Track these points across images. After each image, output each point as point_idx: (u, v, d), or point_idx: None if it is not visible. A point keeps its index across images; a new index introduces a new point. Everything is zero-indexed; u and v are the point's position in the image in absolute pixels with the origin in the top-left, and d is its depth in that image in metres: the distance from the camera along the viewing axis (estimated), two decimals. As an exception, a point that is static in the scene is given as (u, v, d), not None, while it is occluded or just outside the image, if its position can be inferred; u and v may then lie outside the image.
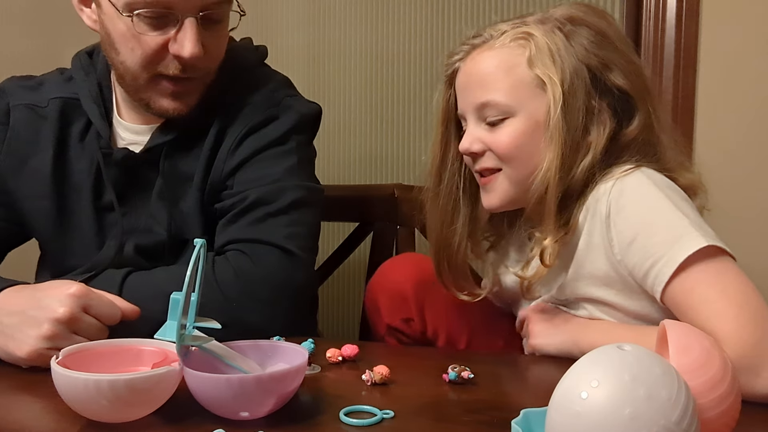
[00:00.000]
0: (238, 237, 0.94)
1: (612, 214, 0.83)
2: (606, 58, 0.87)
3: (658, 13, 1.49)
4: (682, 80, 1.49)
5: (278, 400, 0.64)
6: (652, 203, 0.82)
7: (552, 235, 0.86)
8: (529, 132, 0.87)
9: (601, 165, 0.87)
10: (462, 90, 0.92)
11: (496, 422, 0.64)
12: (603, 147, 0.86)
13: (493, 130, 0.89)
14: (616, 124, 0.88)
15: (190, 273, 0.63)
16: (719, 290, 0.76)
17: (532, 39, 0.87)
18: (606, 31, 0.89)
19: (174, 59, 0.93)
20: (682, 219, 0.80)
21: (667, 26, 1.49)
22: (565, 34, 0.87)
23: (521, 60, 0.87)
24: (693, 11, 1.46)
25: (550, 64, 0.86)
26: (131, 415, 0.62)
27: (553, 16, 0.89)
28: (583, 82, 0.86)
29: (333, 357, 0.82)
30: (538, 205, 0.88)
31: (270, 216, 0.95)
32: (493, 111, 0.88)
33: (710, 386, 0.52)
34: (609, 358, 0.50)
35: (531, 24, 0.89)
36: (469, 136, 0.91)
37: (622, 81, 0.87)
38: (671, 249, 0.78)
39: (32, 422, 0.64)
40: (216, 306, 0.76)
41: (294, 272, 0.93)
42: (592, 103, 0.87)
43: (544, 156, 0.86)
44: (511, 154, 0.88)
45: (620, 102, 0.87)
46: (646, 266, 0.80)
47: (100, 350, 0.68)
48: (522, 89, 0.87)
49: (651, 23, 1.50)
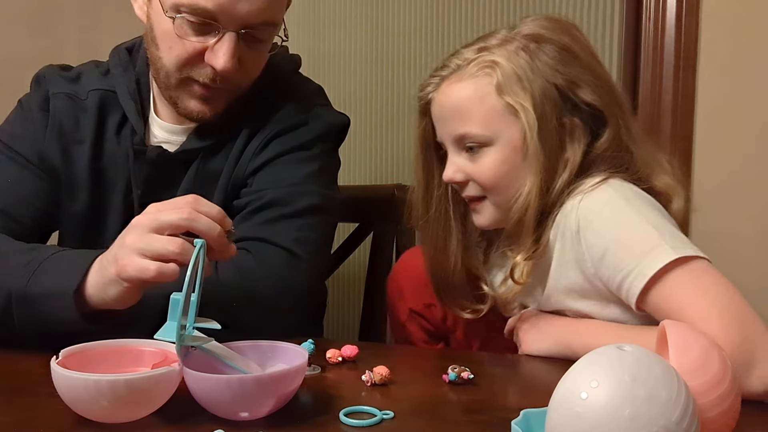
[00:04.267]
0: (246, 235, 0.94)
1: (581, 229, 0.84)
2: (572, 75, 0.87)
3: (658, 13, 1.49)
4: (682, 80, 1.49)
5: (278, 400, 0.64)
6: (619, 217, 0.83)
7: (523, 252, 0.88)
8: (508, 159, 0.88)
9: (572, 180, 0.88)
10: (438, 121, 0.93)
11: (496, 422, 0.64)
12: (579, 162, 0.88)
13: (473, 158, 0.90)
14: (589, 138, 0.88)
15: (190, 273, 0.63)
16: (699, 292, 0.77)
17: (497, 67, 0.87)
18: (571, 47, 0.89)
19: (207, 68, 0.94)
20: (650, 232, 0.80)
21: (667, 26, 1.49)
22: (530, 55, 0.87)
23: (490, 89, 0.87)
24: (693, 11, 1.46)
25: (518, 90, 0.86)
26: (131, 416, 0.62)
27: (518, 36, 0.89)
28: (553, 102, 0.87)
29: (333, 357, 0.82)
30: (517, 225, 0.89)
31: (283, 218, 0.95)
32: (470, 141, 0.89)
33: (710, 386, 0.52)
34: (609, 359, 0.50)
35: (495, 48, 0.89)
36: (452, 165, 0.92)
37: (591, 96, 0.88)
38: (641, 263, 0.79)
39: (32, 422, 0.64)
40: (217, 304, 0.76)
41: (298, 275, 0.92)
42: (565, 120, 0.87)
43: (525, 180, 0.87)
44: (493, 183, 0.89)
45: (590, 116, 0.88)
46: (618, 279, 0.81)
47: (100, 350, 0.68)
48: (495, 118, 0.87)
49: (651, 23, 1.50)
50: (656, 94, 1.51)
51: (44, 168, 1.01)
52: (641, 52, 1.52)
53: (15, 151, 1.02)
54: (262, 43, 0.96)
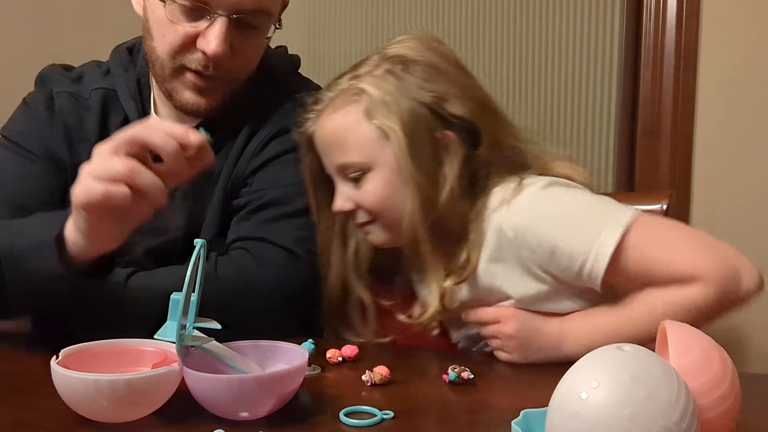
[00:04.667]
0: (246, 235, 0.94)
1: (520, 236, 0.85)
2: (440, 91, 0.89)
3: (658, 13, 1.49)
4: (683, 81, 1.49)
5: (278, 400, 0.64)
6: (553, 210, 0.86)
7: (446, 278, 0.88)
8: (389, 182, 0.89)
9: (471, 192, 0.90)
10: (321, 154, 0.94)
11: (496, 422, 0.64)
12: (458, 174, 0.89)
13: (358, 186, 0.91)
14: (468, 148, 0.90)
15: (190, 273, 0.63)
16: (664, 241, 0.83)
17: (364, 94, 0.89)
18: (436, 64, 0.91)
19: (199, 53, 0.93)
20: (588, 211, 0.85)
21: (668, 27, 1.49)
22: (396, 77, 0.89)
23: (359, 116, 0.89)
24: (693, 12, 1.46)
25: (386, 113, 0.88)
26: (131, 415, 0.62)
27: (385, 60, 0.91)
28: (423, 120, 0.88)
29: (333, 357, 0.82)
30: (413, 249, 0.90)
31: (283, 217, 0.95)
32: (351, 169, 0.90)
33: (710, 387, 0.52)
34: (609, 359, 0.50)
35: (363, 76, 0.91)
36: (340, 195, 0.92)
37: (460, 109, 0.89)
38: (595, 244, 0.82)
39: (32, 422, 0.64)
40: (216, 304, 0.76)
41: (297, 275, 0.92)
42: (437, 136, 0.88)
43: (407, 199, 0.88)
44: (379, 208, 0.90)
45: (465, 128, 0.89)
46: (577, 267, 0.83)
47: (100, 350, 0.68)
48: (369, 144, 0.89)
49: (651, 24, 1.50)
50: (656, 94, 1.51)
51: (53, 163, 1.01)
52: (641, 52, 1.52)
53: (24, 147, 1.02)
54: (255, 30, 0.96)
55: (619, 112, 1.53)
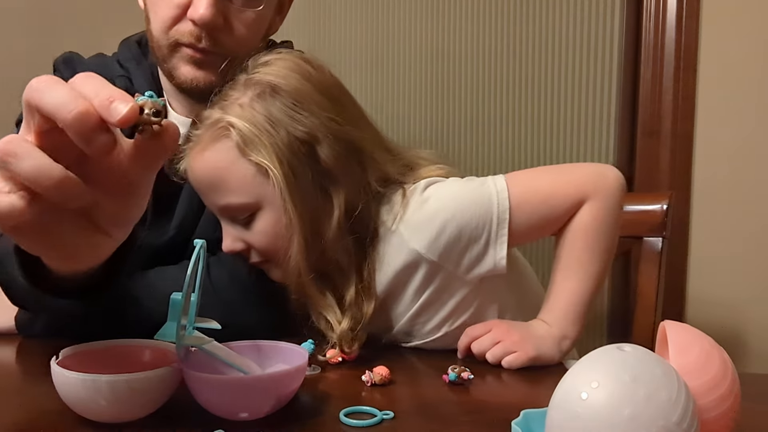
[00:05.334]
0: None
1: (428, 246, 0.84)
2: (310, 129, 0.82)
3: (658, 14, 1.50)
4: (683, 81, 1.49)
5: (278, 400, 0.64)
6: (443, 205, 0.85)
7: (342, 318, 0.84)
8: (278, 220, 0.83)
9: (357, 219, 0.85)
10: (200, 193, 0.88)
11: (496, 422, 0.64)
12: (345, 200, 0.83)
13: (248, 225, 0.84)
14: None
15: (189, 273, 0.63)
16: (540, 187, 0.88)
17: (233, 128, 0.81)
18: (304, 93, 0.84)
19: (190, 24, 0.91)
20: (467, 192, 0.86)
21: (668, 27, 1.49)
22: (264, 107, 0.82)
23: (233, 153, 0.82)
24: (693, 12, 1.47)
25: (261, 148, 0.80)
26: (131, 416, 0.62)
27: (252, 83, 0.84)
28: (299, 152, 0.82)
29: (333, 358, 0.82)
30: (300, 290, 0.85)
31: None
32: (237, 212, 0.84)
33: (710, 387, 0.52)
34: (609, 359, 0.50)
35: (229, 106, 0.83)
36: (228, 236, 0.86)
37: (330, 154, 0.83)
38: (492, 220, 0.85)
39: (32, 422, 0.64)
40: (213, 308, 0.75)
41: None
42: (320, 166, 0.83)
43: (293, 239, 0.82)
44: (272, 247, 0.84)
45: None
46: (483, 242, 0.85)
47: (100, 350, 0.68)
48: (250, 183, 0.82)
49: (651, 24, 1.51)
50: (656, 94, 1.52)
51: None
52: (641, 52, 1.52)
53: None
54: (251, 2, 0.94)
55: (619, 112, 1.53)
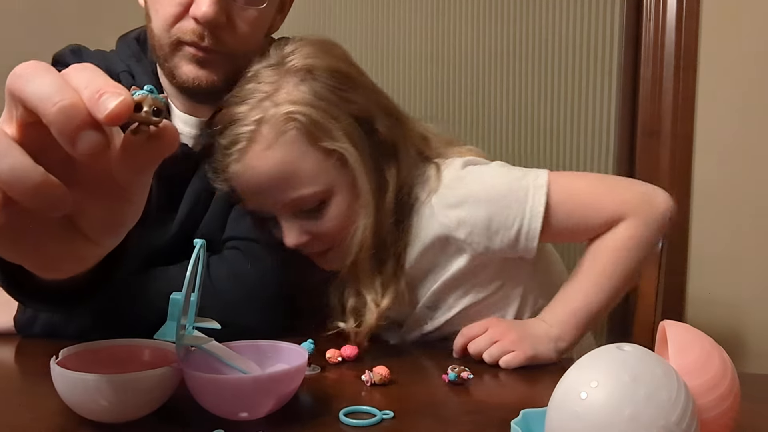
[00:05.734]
0: (239, 234, 0.92)
1: (453, 220, 0.86)
2: (360, 102, 0.86)
3: (658, 13, 1.50)
4: (683, 81, 1.49)
5: (278, 400, 0.64)
6: (478, 186, 0.87)
7: (382, 294, 0.86)
8: (350, 204, 0.85)
9: (401, 196, 0.88)
10: (254, 195, 0.87)
11: (496, 422, 0.64)
12: (398, 184, 0.87)
13: (313, 217, 0.85)
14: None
15: (189, 273, 0.63)
16: (581, 191, 0.88)
17: (297, 119, 0.81)
18: (345, 69, 0.87)
19: (192, 22, 0.90)
20: (508, 179, 0.87)
21: (668, 27, 1.49)
22: (316, 93, 0.83)
23: (302, 145, 0.82)
24: (693, 12, 1.47)
25: (330, 132, 0.82)
26: (131, 415, 0.62)
27: (292, 71, 0.85)
28: (360, 129, 0.84)
29: (333, 357, 0.82)
30: (353, 266, 0.86)
31: None
32: (307, 203, 0.84)
33: (710, 387, 0.52)
34: (609, 359, 0.50)
35: (277, 98, 0.83)
36: (293, 231, 0.86)
37: (382, 125, 0.87)
38: (525, 207, 0.85)
39: (32, 422, 0.64)
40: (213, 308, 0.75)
41: (291, 276, 0.91)
42: (377, 141, 0.86)
43: (360, 217, 0.84)
44: (342, 232, 0.86)
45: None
46: (513, 233, 0.85)
47: (100, 350, 0.68)
48: (323, 170, 0.83)
49: (651, 24, 1.51)
50: (656, 94, 1.52)
51: None
52: (641, 52, 1.52)
53: None
54: (251, 1, 0.93)
55: (619, 112, 1.53)
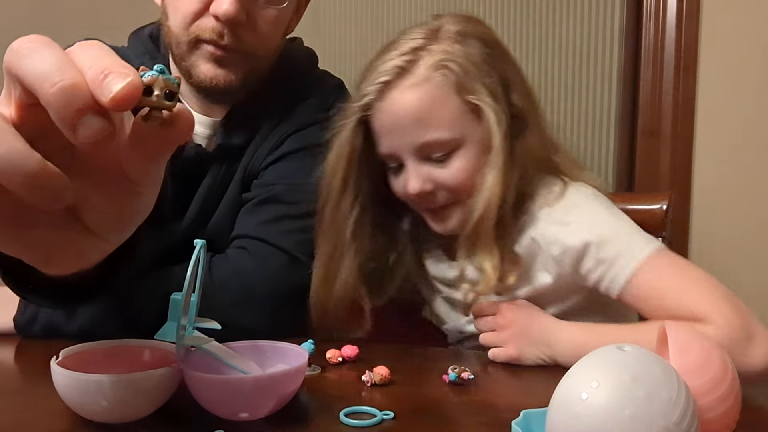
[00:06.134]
0: (248, 233, 0.92)
1: (558, 232, 0.86)
2: (505, 72, 0.89)
3: (658, 13, 1.50)
4: (683, 81, 1.49)
5: (278, 400, 0.64)
6: (594, 216, 0.87)
7: (500, 260, 0.86)
8: (478, 159, 0.87)
9: (522, 187, 0.89)
10: (390, 133, 0.88)
11: (496, 422, 0.64)
12: (528, 161, 0.88)
13: (439, 166, 0.87)
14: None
15: (190, 273, 0.63)
16: (687, 278, 0.81)
17: (452, 63, 0.85)
18: (496, 40, 0.90)
19: (212, 20, 0.90)
20: (624, 227, 0.85)
21: (668, 27, 1.49)
22: (472, 53, 0.86)
23: (450, 90, 0.85)
24: (693, 12, 1.47)
25: (479, 87, 0.85)
26: (131, 416, 0.62)
27: (449, 33, 0.88)
28: (501, 97, 0.87)
29: (333, 358, 0.81)
30: (477, 225, 0.86)
31: (287, 217, 0.93)
32: (437, 148, 0.86)
33: (710, 387, 0.52)
34: (609, 359, 0.50)
35: (436, 44, 0.86)
36: (417, 177, 0.87)
37: (518, 99, 0.89)
38: (624, 254, 0.82)
39: (32, 422, 0.64)
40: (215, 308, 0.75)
41: (297, 279, 0.91)
42: (512, 110, 0.88)
43: (486, 178, 0.86)
44: (467, 185, 0.87)
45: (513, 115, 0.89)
46: (601, 271, 0.84)
47: (100, 350, 0.68)
48: (461, 119, 0.86)
49: (651, 24, 1.51)
50: (656, 95, 1.52)
51: None
52: (641, 53, 1.52)
53: None
54: (274, 1, 0.93)
55: (620, 112, 1.53)
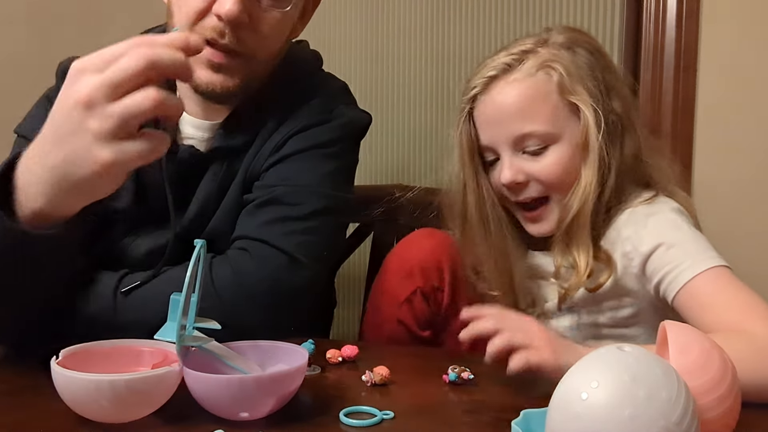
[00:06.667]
0: (248, 234, 0.92)
1: (634, 232, 0.89)
2: (608, 79, 0.93)
3: (658, 13, 1.49)
4: (683, 81, 1.49)
5: (278, 400, 0.64)
6: (669, 223, 0.89)
7: (588, 254, 0.90)
8: (572, 156, 0.91)
9: (614, 191, 0.92)
10: (490, 124, 0.94)
11: (496, 422, 0.64)
12: (624, 166, 0.91)
13: (534, 159, 0.92)
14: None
15: (189, 274, 0.63)
16: (743, 299, 0.81)
17: (557, 65, 0.91)
18: (600, 49, 0.95)
19: (214, 19, 0.90)
20: (697, 239, 0.87)
21: (668, 27, 1.49)
22: (577, 59, 0.92)
23: (552, 88, 0.91)
24: (693, 12, 1.46)
25: (579, 88, 0.90)
26: (131, 416, 0.62)
27: (560, 43, 0.93)
28: (604, 100, 0.91)
29: (333, 358, 0.82)
30: (573, 221, 0.90)
31: (288, 219, 0.93)
32: (533, 141, 0.91)
33: (710, 387, 0.53)
34: (609, 359, 0.50)
35: (544, 49, 0.92)
36: (511, 167, 0.93)
37: (619, 106, 0.93)
38: (688, 260, 0.83)
39: (32, 422, 0.64)
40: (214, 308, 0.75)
41: (297, 281, 0.90)
42: (612, 119, 0.92)
43: (582, 176, 0.90)
44: (559, 180, 0.92)
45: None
46: (663, 272, 0.85)
47: (100, 350, 0.68)
48: (559, 116, 0.91)
49: (651, 24, 1.50)
50: (656, 95, 1.51)
51: None
52: (641, 53, 1.52)
53: None
54: (278, 3, 0.93)
55: (619, 112, 1.53)
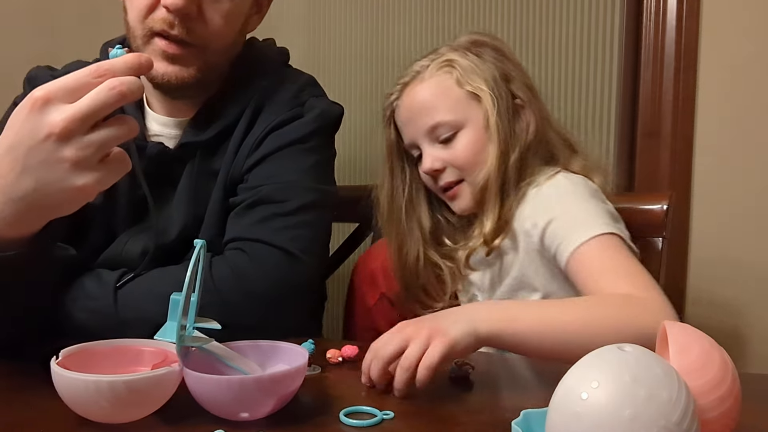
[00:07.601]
0: (241, 235, 0.93)
1: (536, 209, 0.98)
2: (507, 71, 1.05)
3: (658, 14, 1.49)
4: (683, 81, 1.49)
5: (278, 401, 0.64)
6: (566, 197, 0.98)
7: (494, 217, 1.00)
8: (478, 139, 1.02)
9: (522, 167, 1.02)
10: (407, 123, 1.07)
11: (496, 422, 0.64)
12: (526, 143, 1.03)
13: (447, 146, 1.03)
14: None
15: (189, 273, 0.63)
16: (625, 266, 0.89)
17: (454, 63, 1.04)
18: (503, 49, 1.08)
19: (164, 12, 0.92)
20: (592, 208, 0.95)
21: (668, 27, 1.49)
22: (475, 54, 1.05)
23: (451, 83, 1.03)
24: (693, 12, 1.46)
25: (475, 78, 1.02)
26: (131, 416, 0.62)
27: (462, 45, 1.07)
28: (502, 87, 1.03)
29: (333, 358, 0.82)
30: (481, 192, 1.01)
31: (278, 216, 0.94)
32: (443, 129, 1.03)
33: (710, 387, 0.52)
34: (609, 359, 0.50)
35: (447, 53, 1.05)
36: (429, 157, 1.04)
37: (520, 91, 1.05)
38: (574, 232, 0.92)
39: (32, 422, 0.64)
40: (214, 307, 0.75)
41: (294, 276, 0.92)
42: (516, 102, 1.04)
43: (487, 151, 1.01)
44: (470, 162, 1.02)
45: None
46: (555, 245, 0.94)
47: (99, 350, 0.68)
48: (461, 105, 1.02)
49: (651, 24, 1.50)
50: (656, 95, 1.51)
51: None
52: (641, 53, 1.52)
53: None
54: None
55: (619, 113, 1.53)
